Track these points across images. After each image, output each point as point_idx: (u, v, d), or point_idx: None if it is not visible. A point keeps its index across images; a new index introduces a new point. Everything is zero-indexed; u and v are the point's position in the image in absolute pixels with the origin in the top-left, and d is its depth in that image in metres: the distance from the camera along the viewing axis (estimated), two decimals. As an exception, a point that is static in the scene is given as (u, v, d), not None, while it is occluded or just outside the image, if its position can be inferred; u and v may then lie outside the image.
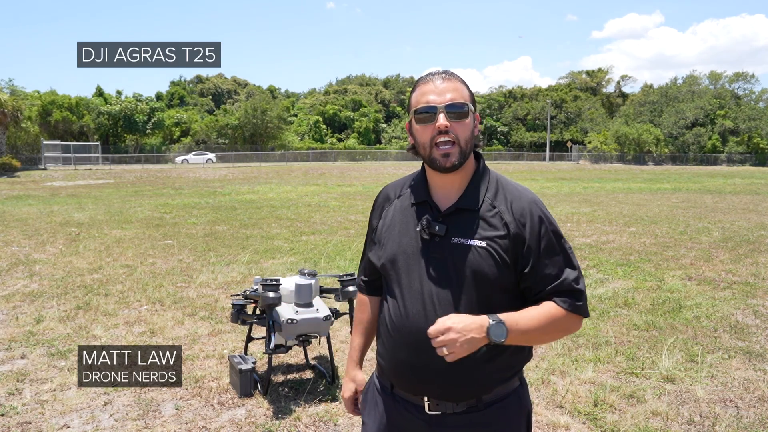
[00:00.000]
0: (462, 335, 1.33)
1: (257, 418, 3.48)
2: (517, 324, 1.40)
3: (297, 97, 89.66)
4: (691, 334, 5.02)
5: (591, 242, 9.88)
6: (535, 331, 1.44)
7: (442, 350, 1.34)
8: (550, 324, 1.46)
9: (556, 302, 1.47)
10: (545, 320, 1.45)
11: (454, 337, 1.33)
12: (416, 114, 1.49)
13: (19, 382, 3.94)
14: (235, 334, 4.96)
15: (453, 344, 1.33)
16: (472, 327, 1.35)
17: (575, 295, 1.49)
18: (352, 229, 11.54)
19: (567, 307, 1.47)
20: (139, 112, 51.81)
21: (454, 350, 1.33)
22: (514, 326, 1.39)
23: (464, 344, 1.34)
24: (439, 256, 1.48)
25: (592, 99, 75.43)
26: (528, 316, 1.44)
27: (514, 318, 1.41)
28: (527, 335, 1.43)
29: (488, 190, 1.53)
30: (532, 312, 1.45)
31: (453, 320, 1.35)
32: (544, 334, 1.48)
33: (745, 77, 70.67)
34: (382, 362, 1.61)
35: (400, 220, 1.57)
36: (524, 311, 1.46)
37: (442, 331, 1.33)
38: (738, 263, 8.06)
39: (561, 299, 1.48)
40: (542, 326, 1.45)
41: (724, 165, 60.49)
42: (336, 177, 33.48)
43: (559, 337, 1.57)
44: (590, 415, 3.50)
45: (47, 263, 7.98)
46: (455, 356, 1.34)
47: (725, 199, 19.08)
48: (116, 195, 20.68)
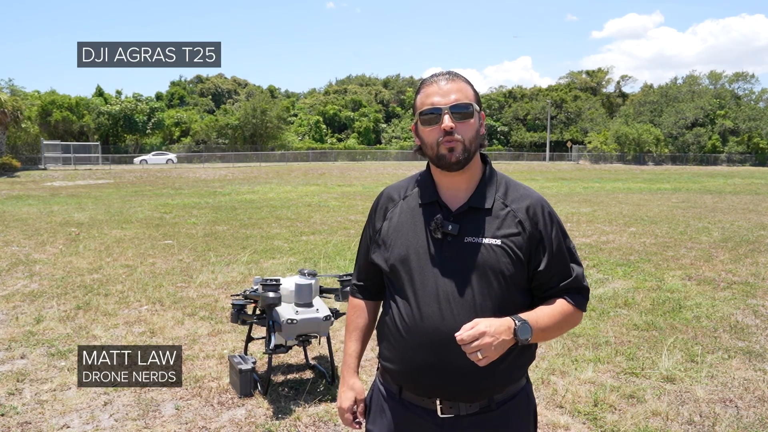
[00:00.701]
0: (495, 338, 1.34)
1: (257, 418, 3.48)
2: (537, 323, 1.44)
3: (297, 97, 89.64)
4: (691, 334, 5.02)
5: (591, 242, 9.88)
6: (551, 328, 1.49)
7: (476, 355, 1.32)
8: (563, 320, 1.51)
9: (566, 299, 1.53)
10: (559, 317, 1.50)
11: (489, 341, 1.33)
12: (421, 116, 1.50)
13: (19, 382, 3.94)
14: (235, 334, 4.96)
15: (488, 348, 1.33)
16: (502, 329, 1.36)
17: (583, 293, 1.57)
18: (352, 229, 11.54)
19: (576, 304, 1.54)
20: (139, 112, 51.83)
21: (488, 354, 1.33)
22: (535, 325, 1.43)
23: (497, 347, 1.35)
24: (452, 255, 1.48)
25: (592, 99, 75.42)
26: (545, 314, 1.48)
27: (534, 317, 1.45)
28: (545, 333, 1.48)
29: (498, 189, 1.55)
30: (546, 310, 1.49)
31: (485, 324, 1.34)
32: (557, 331, 1.53)
33: (745, 77, 70.75)
34: (390, 366, 1.57)
35: (408, 221, 1.56)
36: (540, 310, 1.49)
37: (477, 336, 1.32)
38: (738, 263, 8.06)
39: (570, 296, 1.54)
40: (557, 323, 1.50)
41: (724, 165, 60.50)
42: (336, 177, 33.48)
43: (566, 331, 1.63)
44: (590, 415, 3.50)
45: (47, 263, 7.98)
46: (488, 360, 1.34)
47: (725, 199, 19.08)
48: (116, 195, 20.68)
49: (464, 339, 1.32)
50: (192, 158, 51.13)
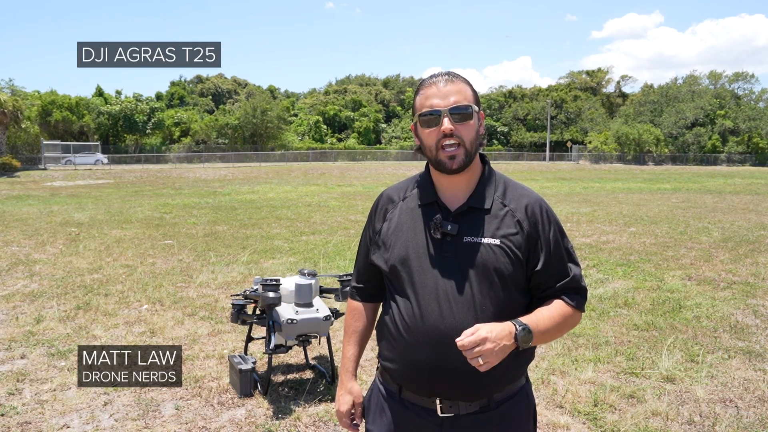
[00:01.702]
0: (496, 344, 1.34)
1: (257, 418, 3.48)
2: (537, 326, 1.44)
3: (297, 97, 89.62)
4: (691, 334, 5.02)
5: (591, 242, 9.87)
6: (551, 330, 1.48)
7: (477, 360, 1.33)
8: (563, 322, 1.51)
9: (564, 300, 1.53)
10: (559, 319, 1.50)
11: (490, 347, 1.33)
12: (421, 117, 1.51)
13: (19, 382, 3.94)
14: (235, 334, 4.96)
15: (489, 354, 1.33)
16: (503, 335, 1.36)
17: (581, 293, 1.56)
18: (352, 229, 11.54)
19: (575, 305, 1.54)
20: (139, 112, 51.82)
21: (489, 360, 1.33)
22: (536, 329, 1.43)
23: (498, 353, 1.35)
24: (451, 255, 1.49)
25: (592, 99, 75.37)
26: (545, 317, 1.47)
27: (535, 321, 1.44)
28: (546, 335, 1.48)
29: (497, 189, 1.56)
30: (546, 313, 1.49)
31: (487, 330, 1.34)
32: (557, 333, 1.53)
33: (745, 77, 70.69)
34: (389, 366, 1.58)
35: (407, 221, 1.57)
36: (539, 313, 1.49)
37: (479, 341, 1.32)
38: (738, 263, 8.06)
39: (569, 297, 1.53)
40: (557, 325, 1.50)
41: (724, 165, 60.49)
42: (336, 177, 33.47)
43: (566, 333, 1.62)
44: (590, 415, 3.50)
45: (47, 263, 7.98)
46: (489, 366, 1.34)
47: (725, 199, 19.08)
48: (116, 195, 20.68)
49: (465, 345, 1.32)
50: (192, 158, 51.14)
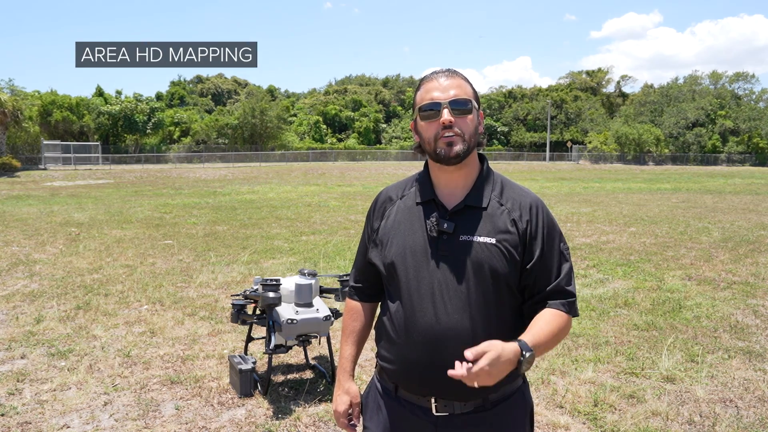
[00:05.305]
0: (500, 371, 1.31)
1: (257, 418, 3.48)
2: (539, 346, 1.41)
3: (297, 97, 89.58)
4: (691, 334, 5.02)
5: (591, 242, 9.87)
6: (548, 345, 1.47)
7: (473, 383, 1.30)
8: (559, 333, 1.49)
9: (556, 307, 1.50)
10: (557, 330, 1.48)
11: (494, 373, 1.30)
12: (421, 111, 1.51)
13: (19, 382, 3.94)
14: (235, 334, 4.96)
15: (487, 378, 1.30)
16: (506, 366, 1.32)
17: (572, 296, 1.54)
18: (352, 229, 11.54)
19: (567, 311, 1.52)
20: (139, 112, 51.75)
21: (485, 383, 1.31)
22: (537, 348, 1.40)
23: (496, 377, 1.32)
24: (447, 253, 1.48)
25: (592, 99, 75.37)
26: (544, 333, 1.45)
27: (537, 339, 1.41)
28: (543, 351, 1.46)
29: (494, 189, 1.56)
30: (545, 327, 1.46)
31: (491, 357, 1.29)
32: (553, 345, 1.51)
33: (745, 77, 70.71)
34: (386, 365, 1.58)
35: (405, 220, 1.57)
36: (538, 327, 1.45)
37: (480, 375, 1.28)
38: (738, 263, 8.06)
39: (560, 302, 1.51)
40: (554, 337, 1.47)
41: (724, 165, 60.49)
42: (336, 177, 33.47)
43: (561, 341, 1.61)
44: (590, 415, 3.50)
45: (47, 263, 7.98)
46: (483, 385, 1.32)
47: (725, 199, 19.07)
48: (116, 195, 20.68)
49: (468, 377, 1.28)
50: (192, 158, 51.12)
